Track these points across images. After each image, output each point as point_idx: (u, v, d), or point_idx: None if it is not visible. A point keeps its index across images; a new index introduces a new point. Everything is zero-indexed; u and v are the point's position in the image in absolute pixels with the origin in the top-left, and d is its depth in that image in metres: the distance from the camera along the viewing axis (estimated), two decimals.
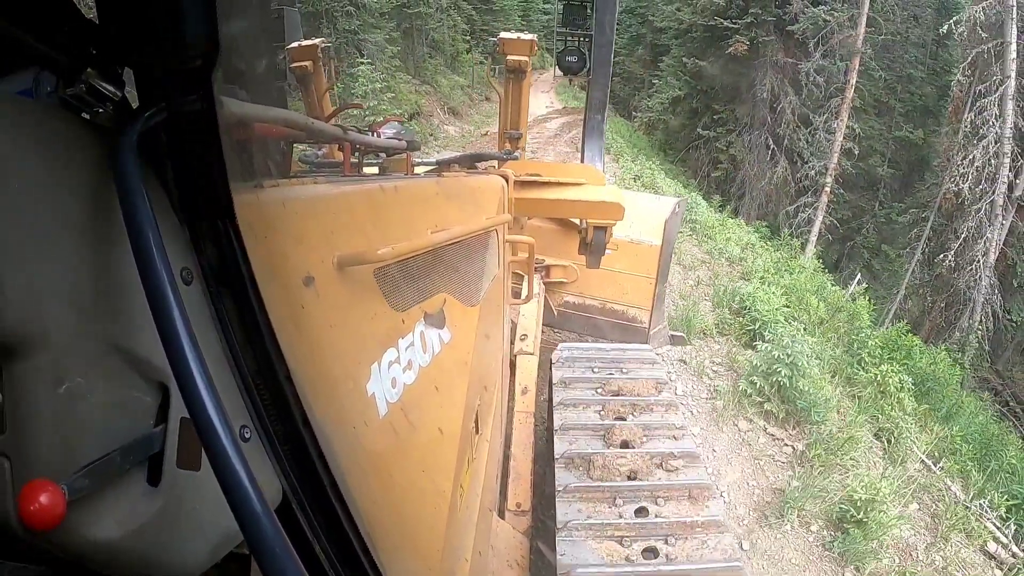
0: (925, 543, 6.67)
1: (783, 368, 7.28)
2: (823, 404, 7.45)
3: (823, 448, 6.95)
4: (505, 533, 3.34)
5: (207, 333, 0.90)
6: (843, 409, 8.08)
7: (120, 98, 0.85)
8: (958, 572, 6.39)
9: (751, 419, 7.32)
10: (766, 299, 9.70)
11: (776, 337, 8.01)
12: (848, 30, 21.99)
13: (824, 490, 6.48)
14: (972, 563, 6.68)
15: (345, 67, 19.38)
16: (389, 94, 19.86)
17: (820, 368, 8.74)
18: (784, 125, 23.90)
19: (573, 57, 6.08)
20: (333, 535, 1.05)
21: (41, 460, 0.75)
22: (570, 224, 5.62)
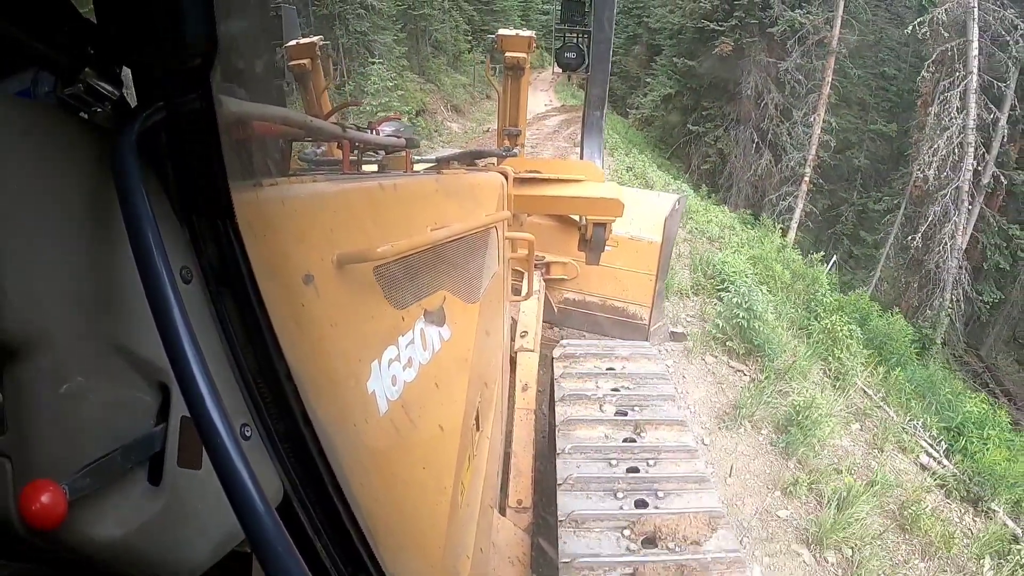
0: (862, 451, 8.02)
1: (742, 312, 8.94)
2: (776, 343, 9.11)
3: (774, 374, 8.44)
4: (506, 530, 3.34)
5: (207, 332, 0.90)
6: (797, 351, 9.58)
7: (118, 98, 0.85)
8: (892, 475, 7.52)
9: (716, 355, 8.82)
10: (734, 263, 11.42)
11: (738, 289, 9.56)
12: (824, 31, 23.65)
13: (772, 404, 7.87)
14: (905, 471, 8.00)
15: (357, 66, 20.93)
16: (399, 91, 20.68)
17: (777, 318, 10.51)
18: (768, 120, 25.65)
19: (572, 54, 6.07)
20: (334, 533, 1.05)
21: (42, 460, 0.75)
22: (570, 221, 5.62)
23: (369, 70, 20.03)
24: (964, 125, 20.36)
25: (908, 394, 10.95)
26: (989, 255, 22.07)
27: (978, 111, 20.25)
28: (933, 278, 21.42)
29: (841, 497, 6.47)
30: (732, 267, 11.09)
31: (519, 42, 5.65)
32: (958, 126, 20.49)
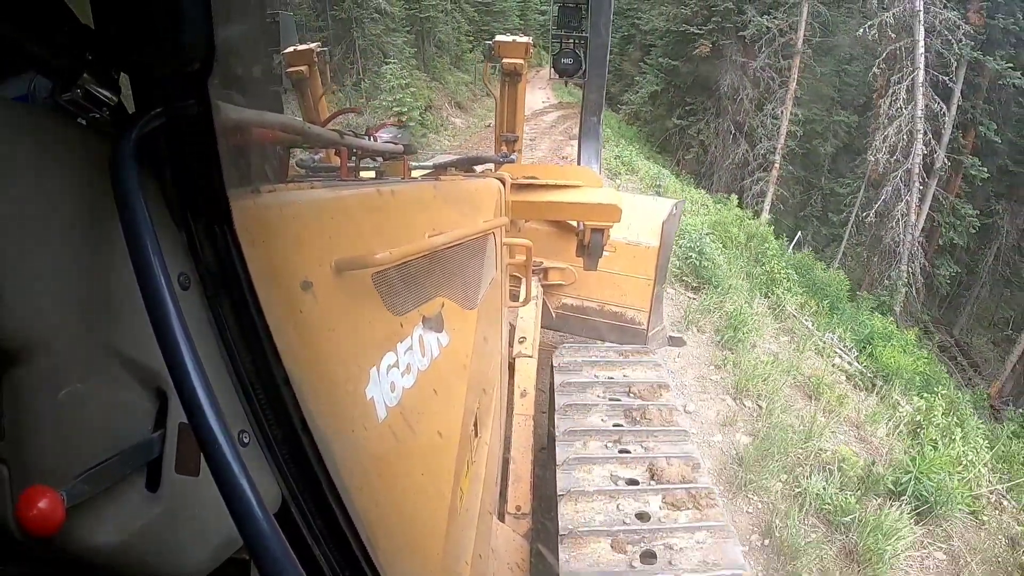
0: (787, 354, 10.29)
1: (694, 254, 11.63)
2: (723, 278, 11.68)
3: (716, 295, 10.77)
4: (505, 536, 3.34)
5: (205, 338, 0.90)
6: (741, 286, 12.33)
7: (116, 103, 0.85)
8: (808, 369, 9.88)
9: (675, 287, 11.00)
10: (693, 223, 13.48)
11: (691, 236, 12.00)
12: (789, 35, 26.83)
13: (715, 316, 10.16)
14: (819, 367, 10.32)
15: (372, 65, 23.08)
16: (411, 89, 22.49)
17: (728, 264, 13.48)
18: (743, 113, 28.85)
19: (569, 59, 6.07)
20: (333, 539, 1.05)
21: (40, 466, 0.75)
22: (567, 226, 5.61)
23: (384, 70, 22.08)
24: (912, 115, 23.46)
25: (836, 322, 14.19)
26: (944, 232, 25.35)
27: (927, 103, 23.35)
28: (890, 252, 24.57)
29: (757, 364, 8.84)
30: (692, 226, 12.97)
31: (516, 48, 5.65)
32: (907, 116, 23.60)
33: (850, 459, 7.21)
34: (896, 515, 6.20)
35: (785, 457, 6.97)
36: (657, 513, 3.55)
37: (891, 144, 23.62)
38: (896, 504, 6.47)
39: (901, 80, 23.66)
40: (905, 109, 23.58)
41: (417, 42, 27.23)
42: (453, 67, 30.13)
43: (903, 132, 23.52)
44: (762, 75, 27.68)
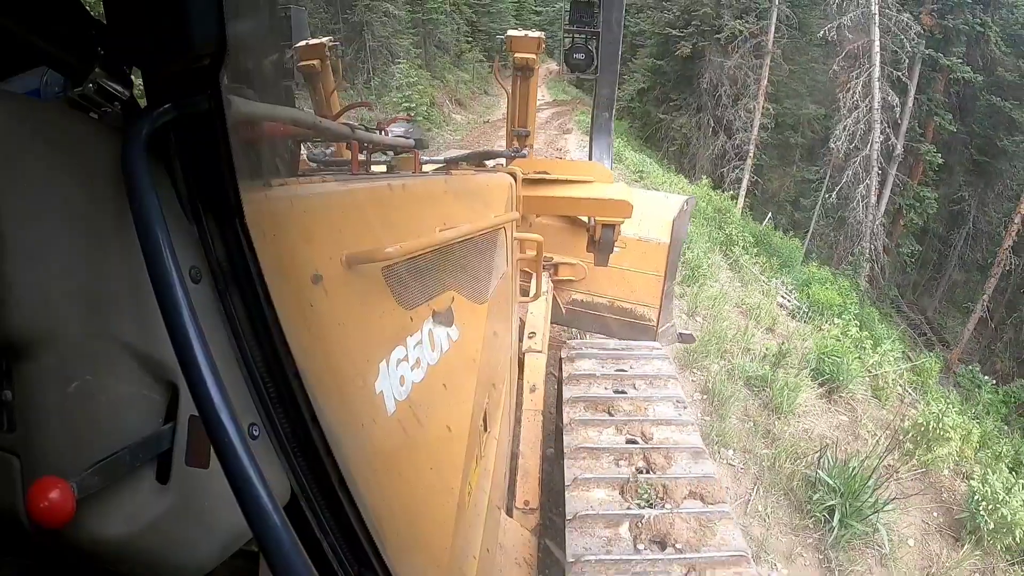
0: (736, 292, 12.58)
1: None
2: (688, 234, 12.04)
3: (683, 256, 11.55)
4: (513, 531, 3.34)
5: (216, 331, 0.90)
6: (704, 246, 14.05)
7: (128, 98, 0.86)
8: (752, 302, 12.09)
9: None
10: None
11: None
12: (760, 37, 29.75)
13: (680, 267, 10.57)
14: (765, 305, 12.06)
15: (380, 64, 24.90)
16: (418, 86, 24.50)
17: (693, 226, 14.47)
18: (721, 108, 31.42)
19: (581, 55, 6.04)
20: (341, 532, 1.05)
21: (50, 458, 0.75)
22: (578, 222, 5.60)
23: (393, 68, 24.32)
24: (870, 107, 26.37)
25: (780, 272, 17.06)
26: (905, 213, 28.75)
27: (883, 96, 26.09)
28: (853, 231, 27.53)
29: (709, 296, 10.85)
30: None
31: (528, 43, 5.64)
32: (864, 108, 26.46)
33: (771, 349, 9.51)
34: (800, 378, 8.44)
35: (722, 349, 9.02)
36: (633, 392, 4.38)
37: (850, 133, 26.62)
38: (801, 372, 8.78)
39: (859, 76, 26.63)
40: (862, 102, 26.51)
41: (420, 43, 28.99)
42: (453, 66, 32.17)
43: (861, 122, 26.54)
44: (738, 73, 30.62)
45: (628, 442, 3.81)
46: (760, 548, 5.67)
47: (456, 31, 32.98)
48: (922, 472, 7.33)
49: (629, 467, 3.57)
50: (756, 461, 6.85)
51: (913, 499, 6.83)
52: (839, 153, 27.14)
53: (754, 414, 7.74)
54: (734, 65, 30.30)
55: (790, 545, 5.86)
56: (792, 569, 5.63)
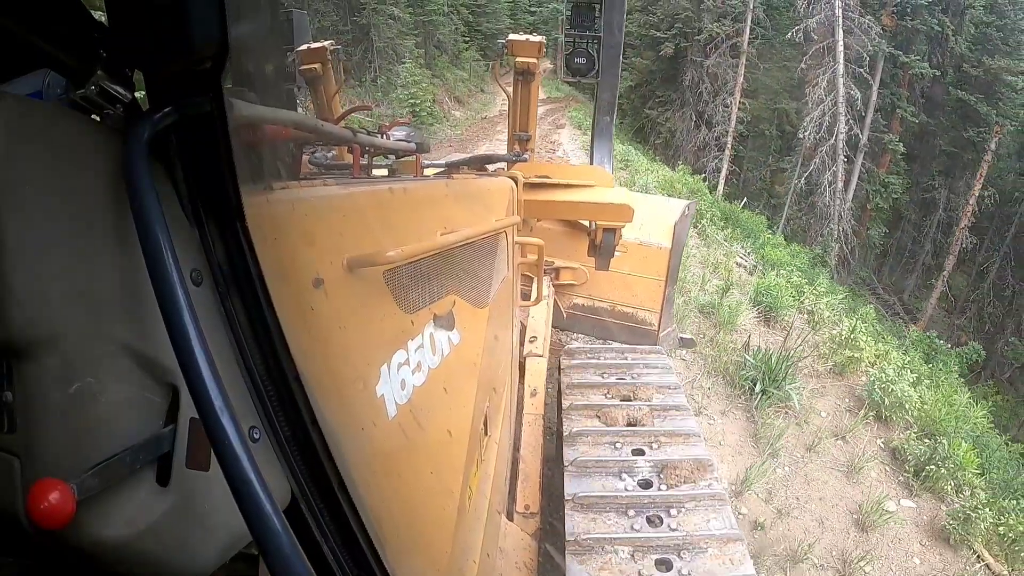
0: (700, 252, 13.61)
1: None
2: None
3: None
4: (513, 535, 3.33)
5: (217, 334, 0.90)
6: None
7: (130, 100, 0.86)
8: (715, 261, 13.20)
9: None
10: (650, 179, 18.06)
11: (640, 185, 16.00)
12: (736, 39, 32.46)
13: None
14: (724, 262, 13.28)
15: (386, 64, 26.46)
16: (422, 84, 26.02)
17: None
18: (702, 103, 34.14)
19: (582, 59, 6.04)
20: (341, 536, 1.05)
21: (51, 459, 0.75)
22: (579, 226, 5.60)
23: (399, 68, 25.78)
24: (835, 100, 28.96)
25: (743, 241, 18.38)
26: (871, 198, 31.97)
27: (847, 90, 28.82)
28: (821, 214, 30.21)
29: None
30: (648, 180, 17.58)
31: (529, 47, 5.63)
32: (829, 102, 29.09)
33: (722, 286, 10.97)
34: (741, 306, 10.16)
35: (682, 289, 10.12)
36: None
37: (817, 124, 29.30)
38: (742, 303, 10.44)
39: (824, 73, 29.34)
40: (827, 96, 29.17)
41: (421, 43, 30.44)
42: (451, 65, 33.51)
43: (827, 115, 29.22)
44: (717, 71, 33.29)
45: None
46: (702, 409, 7.50)
47: (454, 31, 34.33)
48: (838, 373, 9.14)
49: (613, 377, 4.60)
50: (703, 358, 8.57)
51: (830, 389, 8.75)
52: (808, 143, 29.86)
53: (704, 330, 9.44)
54: (713, 64, 33.13)
55: (724, 407, 7.75)
56: (725, 421, 7.53)
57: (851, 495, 6.87)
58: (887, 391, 8.16)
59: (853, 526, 6.47)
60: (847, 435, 7.72)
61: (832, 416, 8.17)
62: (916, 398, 8.43)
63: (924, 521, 6.79)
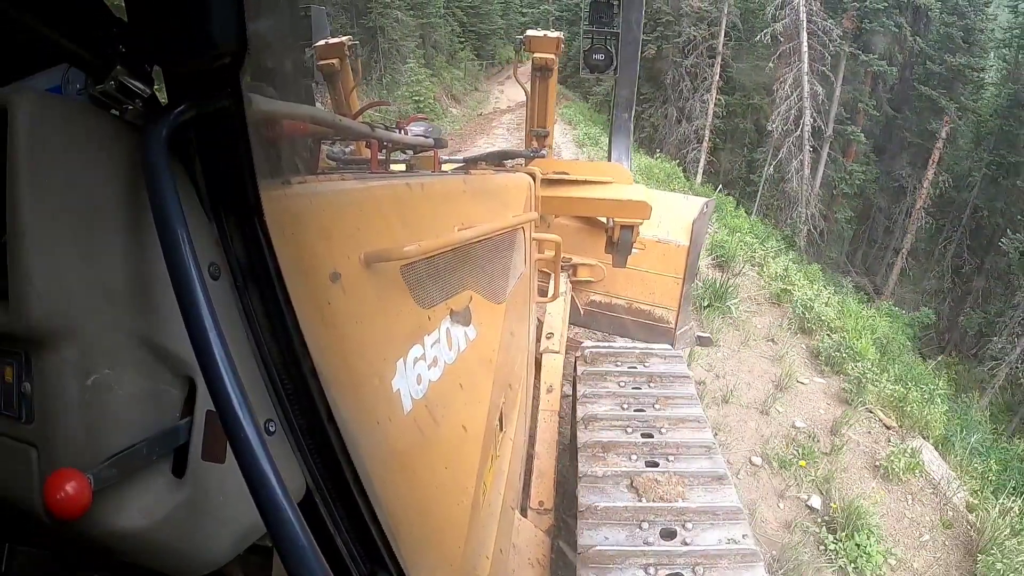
0: None
1: None
2: None
3: None
4: (527, 531, 3.33)
5: (234, 328, 0.91)
6: None
7: (149, 95, 0.86)
8: None
9: None
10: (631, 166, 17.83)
11: None
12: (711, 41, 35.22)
13: None
14: None
15: (391, 64, 28.16)
16: (426, 82, 27.65)
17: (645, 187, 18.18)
18: (682, 100, 36.57)
19: (600, 55, 6.00)
20: (355, 530, 1.05)
21: (68, 450, 0.76)
22: (597, 223, 5.57)
23: (405, 68, 27.41)
24: (800, 96, 31.56)
25: None
26: (837, 184, 34.12)
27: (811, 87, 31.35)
28: (790, 199, 32.80)
29: None
30: None
31: (547, 43, 5.61)
32: (794, 97, 31.70)
33: None
34: None
35: None
36: None
37: (784, 118, 31.91)
38: None
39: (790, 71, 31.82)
40: (793, 92, 31.73)
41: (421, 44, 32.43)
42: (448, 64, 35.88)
43: (793, 109, 31.83)
44: (695, 70, 36.07)
45: None
46: None
47: (450, 33, 37.02)
48: (775, 302, 11.41)
49: None
50: None
51: (766, 311, 11.05)
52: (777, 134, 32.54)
53: None
54: (692, 64, 36.05)
55: None
56: None
57: (774, 372, 8.84)
58: (808, 308, 10.75)
59: (773, 387, 8.37)
60: (775, 338, 9.94)
61: (765, 328, 10.27)
62: (832, 314, 11.17)
63: (830, 391, 8.78)
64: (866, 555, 5.83)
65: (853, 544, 5.92)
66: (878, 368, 9.43)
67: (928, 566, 6.17)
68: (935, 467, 7.49)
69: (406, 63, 27.77)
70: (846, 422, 7.75)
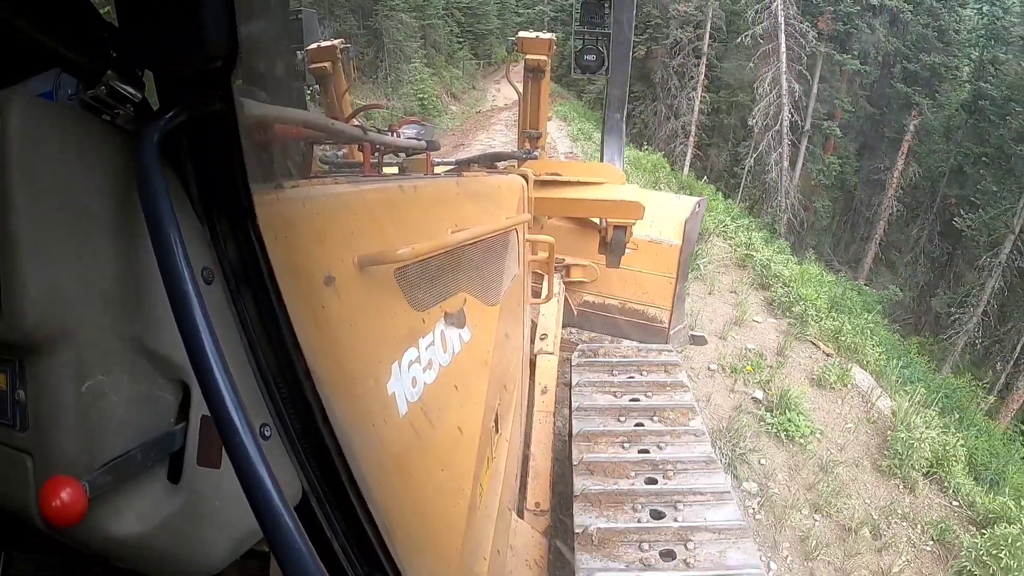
0: None
1: None
2: None
3: None
4: (524, 532, 3.33)
5: (228, 332, 0.91)
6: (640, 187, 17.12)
7: (140, 100, 0.86)
8: None
9: None
10: None
11: None
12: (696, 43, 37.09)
13: None
14: None
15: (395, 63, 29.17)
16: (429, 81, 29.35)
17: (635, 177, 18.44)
18: (671, 97, 38.18)
19: (592, 56, 6.02)
20: (352, 533, 1.05)
21: (63, 457, 0.76)
22: (590, 224, 5.57)
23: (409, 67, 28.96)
24: (778, 94, 33.09)
25: None
26: (815, 175, 36.05)
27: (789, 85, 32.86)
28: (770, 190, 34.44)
29: None
30: None
31: (539, 44, 5.62)
32: (773, 95, 33.26)
33: None
34: None
35: None
36: None
37: (764, 114, 33.51)
38: None
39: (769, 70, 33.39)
40: (772, 90, 33.35)
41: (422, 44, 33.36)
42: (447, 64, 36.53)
43: (772, 106, 33.47)
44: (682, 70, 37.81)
45: None
46: None
47: (449, 33, 37.68)
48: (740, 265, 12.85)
49: None
50: None
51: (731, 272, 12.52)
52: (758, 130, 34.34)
53: None
54: (678, 64, 37.88)
55: None
56: None
57: (734, 313, 10.39)
58: (767, 267, 12.51)
59: (732, 324, 9.98)
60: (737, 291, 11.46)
61: (729, 284, 11.82)
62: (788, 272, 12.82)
63: (780, 329, 10.43)
64: (795, 426, 7.68)
65: (785, 419, 7.75)
66: (822, 312, 11.31)
67: (848, 441, 7.94)
68: (864, 382, 9.27)
69: (410, 63, 29.19)
70: (789, 346, 9.62)
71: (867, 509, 7.06)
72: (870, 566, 6.35)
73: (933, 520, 7.04)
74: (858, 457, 7.77)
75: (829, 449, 7.74)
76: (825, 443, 7.80)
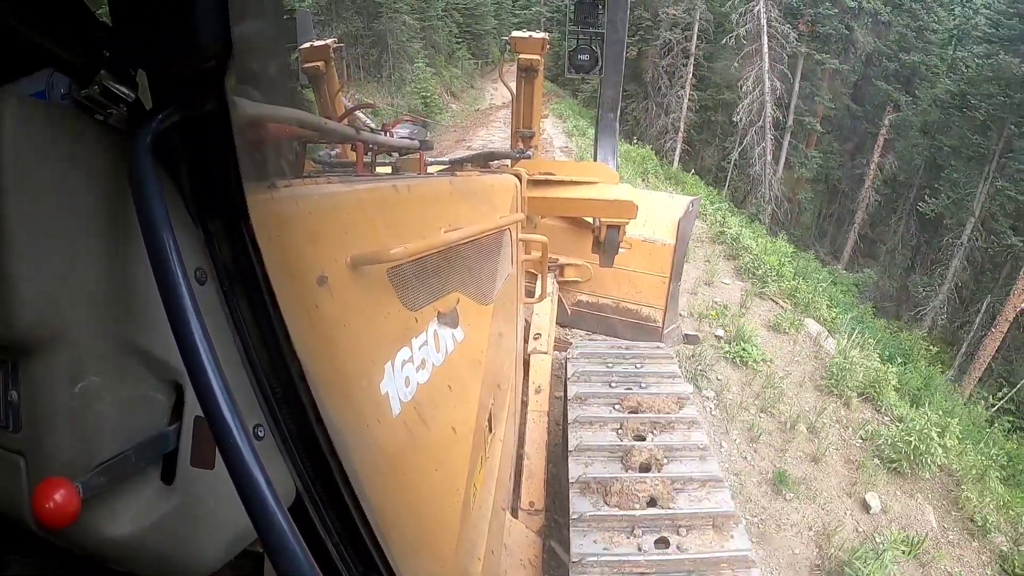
0: None
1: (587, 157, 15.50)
2: None
3: None
4: (518, 532, 3.33)
5: (221, 333, 0.90)
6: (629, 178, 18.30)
7: (133, 100, 0.86)
8: None
9: None
10: None
11: None
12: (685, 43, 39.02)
13: None
14: None
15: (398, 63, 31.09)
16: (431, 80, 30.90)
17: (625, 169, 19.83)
18: (661, 95, 40.42)
19: (585, 56, 6.02)
20: (346, 533, 1.05)
21: (56, 458, 0.76)
22: (583, 223, 5.58)
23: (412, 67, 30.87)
24: (761, 92, 35.19)
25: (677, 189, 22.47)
26: (796, 168, 38.31)
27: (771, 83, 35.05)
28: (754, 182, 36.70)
29: None
30: None
31: (532, 44, 5.62)
32: (756, 93, 35.32)
33: None
34: None
35: None
36: None
37: (748, 111, 35.58)
38: None
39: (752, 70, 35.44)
40: (755, 88, 35.34)
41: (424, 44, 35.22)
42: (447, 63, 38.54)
43: (755, 103, 35.52)
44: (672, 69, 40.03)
45: None
46: None
47: (448, 34, 39.69)
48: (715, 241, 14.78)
49: None
50: None
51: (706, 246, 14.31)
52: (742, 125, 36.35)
53: None
54: (668, 63, 40.12)
55: None
56: None
57: (705, 278, 12.17)
58: (737, 240, 14.62)
59: (702, 285, 11.89)
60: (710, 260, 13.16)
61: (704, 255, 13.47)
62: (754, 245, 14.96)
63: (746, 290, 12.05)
64: (748, 354, 9.35)
65: (740, 348, 9.46)
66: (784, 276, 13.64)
67: (794, 369, 9.63)
68: (815, 330, 11.17)
69: (414, 63, 30.96)
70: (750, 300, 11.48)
71: (805, 413, 8.54)
72: (804, 449, 7.89)
73: (863, 424, 8.67)
74: (801, 379, 9.48)
75: (776, 373, 9.34)
76: (774, 368, 9.49)
